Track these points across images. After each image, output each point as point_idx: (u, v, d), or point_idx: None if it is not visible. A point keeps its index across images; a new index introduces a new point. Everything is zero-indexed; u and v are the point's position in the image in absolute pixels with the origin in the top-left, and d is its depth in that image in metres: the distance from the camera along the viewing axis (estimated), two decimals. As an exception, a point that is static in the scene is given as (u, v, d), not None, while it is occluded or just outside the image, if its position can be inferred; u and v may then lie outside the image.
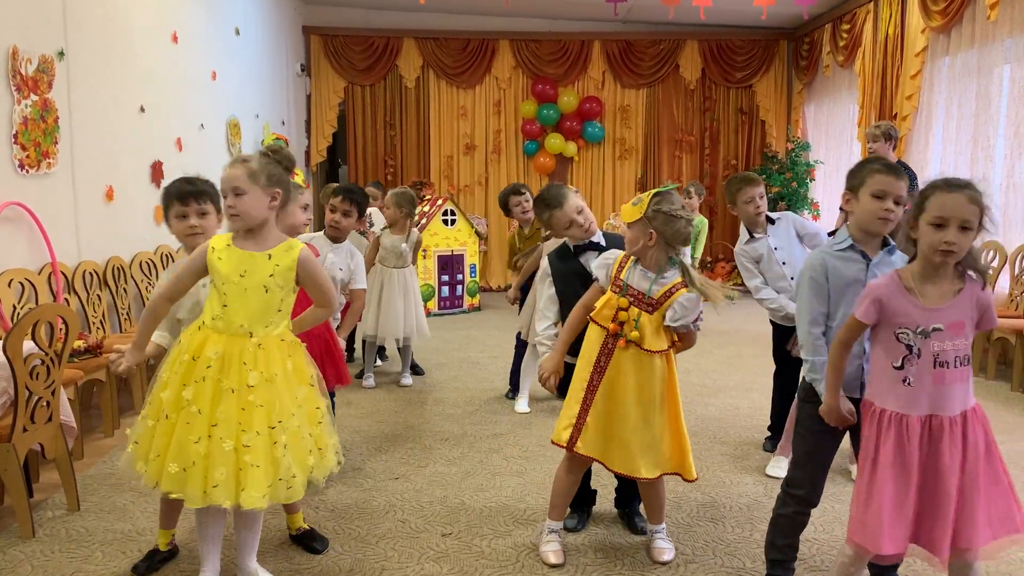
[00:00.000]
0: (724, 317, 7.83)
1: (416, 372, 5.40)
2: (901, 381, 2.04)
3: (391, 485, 3.40)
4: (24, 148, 4.01)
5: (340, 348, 3.33)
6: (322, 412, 2.38)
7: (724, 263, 9.65)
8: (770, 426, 3.91)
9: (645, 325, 2.50)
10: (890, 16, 7.32)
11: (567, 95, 9.78)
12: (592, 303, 2.63)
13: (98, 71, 4.74)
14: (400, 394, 4.94)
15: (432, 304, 7.96)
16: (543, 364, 2.77)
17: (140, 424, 2.28)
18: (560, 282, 2.94)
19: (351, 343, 5.81)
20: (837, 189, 8.62)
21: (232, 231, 2.34)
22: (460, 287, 8.24)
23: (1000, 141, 5.98)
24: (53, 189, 4.31)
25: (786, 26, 9.74)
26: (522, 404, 4.57)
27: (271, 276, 2.26)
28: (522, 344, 4.70)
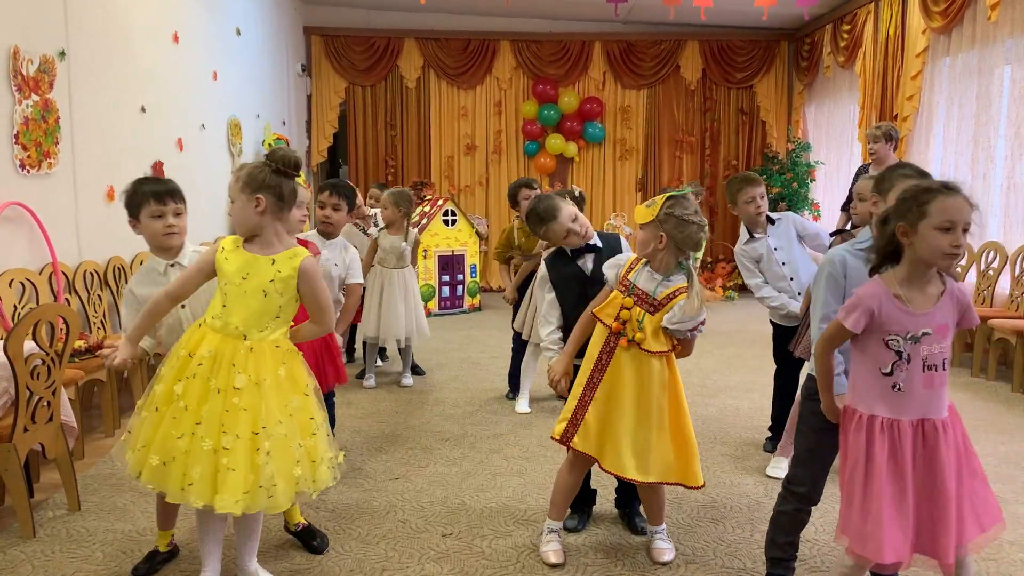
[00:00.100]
0: (724, 317, 7.85)
1: (416, 372, 5.40)
2: (891, 387, 2.03)
3: (391, 485, 3.41)
4: (25, 148, 4.02)
5: (338, 346, 3.32)
6: (317, 424, 2.32)
7: (724, 263, 9.65)
8: (771, 427, 3.92)
9: (646, 326, 2.51)
10: (891, 17, 7.31)
11: (568, 95, 9.78)
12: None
13: (99, 71, 4.75)
14: (401, 394, 4.94)
15: (432, 304, 7.96)
16: (552, 367, 2.76)
17: (135, 415, 2.29)
18: (558, 286, 2.93)
19: (351, 344, 5.82)
20: (837, 189, 8.61)
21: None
22: (460, 287, 8.24)
23: (1001, 142, 5.97)
24: (54, 189, 4.32)
25: (787, 27, 9.74)
26: (522, 404, 4.57)
27: (271, 281, 2.26)
28: (520, 345, 4.70)
